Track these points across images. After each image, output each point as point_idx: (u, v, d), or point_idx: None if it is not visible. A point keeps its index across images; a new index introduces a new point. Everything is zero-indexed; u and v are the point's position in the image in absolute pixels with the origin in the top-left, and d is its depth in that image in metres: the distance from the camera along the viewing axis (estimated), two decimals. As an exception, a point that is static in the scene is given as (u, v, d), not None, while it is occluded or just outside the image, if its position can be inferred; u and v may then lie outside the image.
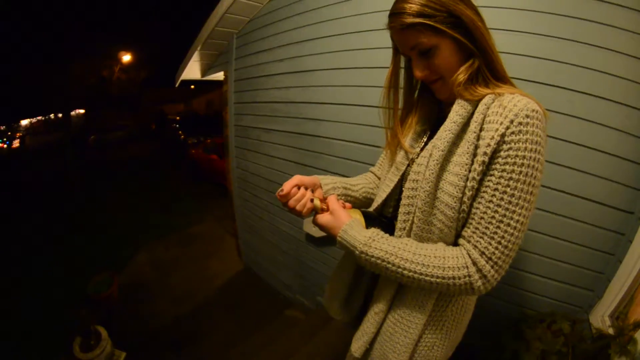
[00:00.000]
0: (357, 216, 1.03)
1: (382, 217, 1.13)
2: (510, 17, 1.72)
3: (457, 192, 0.85)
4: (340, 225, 0.97)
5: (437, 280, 0.85)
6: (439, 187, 0.89)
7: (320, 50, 2.72)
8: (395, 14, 0.87)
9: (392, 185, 1.08)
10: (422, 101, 1.09)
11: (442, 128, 0.90)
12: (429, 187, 0.88)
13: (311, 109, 2.86)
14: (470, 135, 0.84)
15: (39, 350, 3.26)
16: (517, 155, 0.77)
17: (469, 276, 0.82)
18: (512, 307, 1.86)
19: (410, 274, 0.87)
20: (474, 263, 0.83)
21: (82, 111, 26.86)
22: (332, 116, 2.68)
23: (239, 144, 4.02)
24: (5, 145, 28.28)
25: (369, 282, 1.16)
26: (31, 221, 7.46)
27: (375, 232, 0.94)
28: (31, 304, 4.14)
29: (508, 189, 0.78)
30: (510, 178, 0.78)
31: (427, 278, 0.85)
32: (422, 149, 1.04)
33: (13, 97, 13.30)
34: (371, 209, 1.15)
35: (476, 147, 0.83)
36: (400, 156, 1.08)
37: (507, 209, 0.79)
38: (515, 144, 0.77)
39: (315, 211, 1.04)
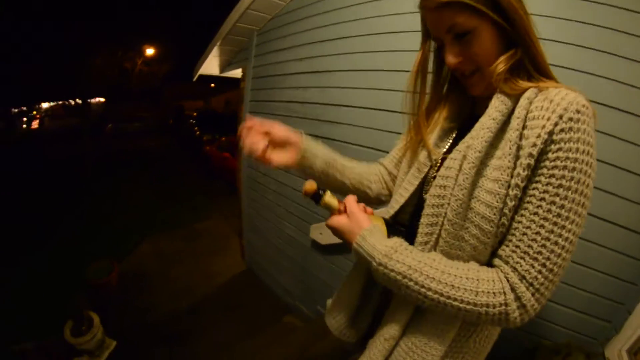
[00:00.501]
0: (379, 223, 0.90)
1: (400, 226, 0.98)
2: (549, 25, 1.62)
3: (497, 202, 0.71)
4: (357, 230, 0.85)
5: (467, 306, 0.70)
6: (474, 195, 0.75)
7: (340, 51, 2.66)
8: None
9: (411, 189, 0.94)
10: (452, 96, 0.96)
11: (477, 126, 0.79)
12: (463, 195, 0.76)
13: (328, 111, 2.79)
14: (512, 134, 0.72)
15: (29, 329, 3.22)
16: (567, 158, 0.65)
17: (506, 305, 0.69)
18: (524, 334, 1.75)
19: (436, 296, 0.73)
20: (513, 289, 0.69)
21: (102, 100, 27.29)
22: (349, 119, 2.60)
23: (252, 143, 3.94)
24: (25, 126, 28.85)
25: (380, 300, 1.01)
26: (40, 203, 7.51)
27: (398, 242, 0.81)
28: (28, 285, 4.13)
29: (557, 199, 0.66)
30: (560, 185, 0.65)
31: (456, 303, 0.71)
32: (449, 150, 0.91)
33: (36, 80, 13.52)
34: (387, 216, 1.00)
35: (519, 147, 0.71)
36: (422, 156, 0.95)
37: (555, 224, 0.66)
38: (565, 143, 0.65)
39: (330, 211, 0.92)
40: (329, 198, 0.91)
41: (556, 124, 0.65)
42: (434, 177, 0.89)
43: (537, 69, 0.77)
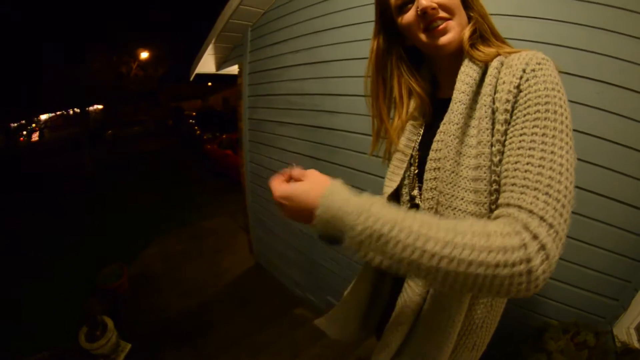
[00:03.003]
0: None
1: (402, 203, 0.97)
2: (535, 3, 1.61)
3: (483, 161, 0.73)
4: (318, 190, 0.66)
5: (481, 256, 0.51)
6: (461, 163, 0.77)
7: (336, 41, 2.64)
8: None
9: (394, 185, 0.97)
10: (412, 87, 0.97)
11: (452, 101, 0.81)
12: (450, 165, 0.78)
13: (327, 101, 2.78)
14: (485, 100, 0.75)
15: (45, 337, 3.25)
16: (538, 96, 0.66)
17: (525, 246, 0.52)
18: (532, 314, 1.75)
19: (437, 247, 0.53)
20: (526, 227, 0.55)
21: (100, 107, 27.31)
22: (348, 108, 2.59)
23: (253, 138, 3.97)
24: (25, 139, 28.95)
25: (391, 291, 1.01)
26: (46, 212, 7.56)
27: (371, 195, 0.64)
28: (40, 291, 4.17)
29: (537, 129, 0.64)
30: (537, 118, 0.65)
31: (466, 253, 0.52)
32: (422, 142, 0.94)
33: (33, 92, 13.56)
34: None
35: (493, 110, 0.74)
36: (398, 154, 0.99)
37: (543, 150, 0.61)
38: (531, 86, 0.67)
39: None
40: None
41: (521, 77, 0.69)
42: (417, 173, 0.93)
43: (494, 35, 0.83)
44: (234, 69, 4.49)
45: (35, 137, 30.15)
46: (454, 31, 0.80)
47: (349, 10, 2.51)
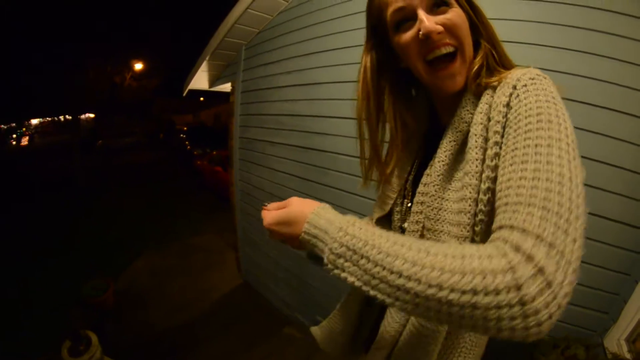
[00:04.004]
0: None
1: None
2: (519, 29, 1.69)
3: (469, 193, 0.68)
4: (306, 211, 0.68)
5: (452, 280, 0.44)
6: (446, 198, 0.75)
7: (327, 63, 2.70)
8: None
9: (382, 213, 0.96)
10: (407, 117, 0.90)
11: (445, 139, 0.78)
12: (437, 203, 0.76)
13: (317, 123, 2.82)
14: (477, 128, 0.69)
15: (25, 350, 3.18)
16: (529, 108, 0.59)
17: (512, 270, 0.42)
18: (522, 332, 1.77)
19: (405, 267, 0.48)
20: (517, 248, 0.45)
21: (91, 115, 27.15)
22: (339, 130, 2.63)
23: (243, 156, 3.98)
24: (14, 142, 28.66)
25: (379, 312, 0.98)
26: (31, 221, 7.46)
27: (358, 218, 0.64)
28: (22, 303, 4.09)
29: (530, 141, 0.56)
30: (529, 130, 0.57)
31: (434, 275, 0.45)
32: (417, 171, 0.91)
33: (25, 96, 13.49)
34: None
35: (486, 140, 0.67)
36: (388, 189, 0.96)
37: (537, 162, 0.53)
38: (522, 101, 0.61)
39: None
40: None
41: (510, 94, 0.64)
42: (409, 206, 0.90)
43: (503, 62, 0.75)
44: (226, 87, 4.53)
45: (25, 141, 29.86)
46: (460, 76, 0.74)
47: (340, 33, 2.58)
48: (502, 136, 0.63)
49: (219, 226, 6.60)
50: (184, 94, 5.46)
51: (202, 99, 29.96)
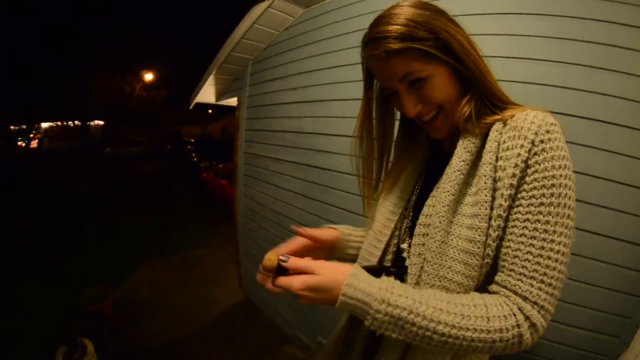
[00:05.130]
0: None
1: (390, 268, 0.92)
2: (536, 45, 1.67)
3: (479, 236, 0.72)
4: (339, 279, 0.71)
5: (481, 335, 0.64)
6: (453, 233, 0.75)
7: (332, 80, 2.69)
8: (376, 39, 0.73)
9: (384, 239, 0.94)
10: (407, 142, 0.99)
11: (448, 169, 0.78)
12: (441, 236, 0.75)
13: (322, 141, 2.80)
14: (486, 169, 0.73)
15: (19, 355, 3.15)
16: (544, 177, 0.67)
17: (518, 326, 0.65)
18: (532, 357, 1.72)
19: (447, 329, 0.64)
20: (520, 310, 0.67)
21: (101, 123, 27.42)
22: (343, 149, 2.60)
23: (248, 172, 3.98)
24: (24, 144, 28.93)
25: (365, 345, 0.95)
26: (34, 225, 7.46)
27: (390, 279, 0.72)
28: (18, 306, 4.07)
29: (541, 217, 0.67)
30: (542, 204, 0.67)
31: (468, 333, 0.64)
32: (419, 194, 0.93)
33: (36, 99, 13.71)
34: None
35: (494, 180, 0.72)
36: (387, 209, 0.96)
37: (543, 240, 0.67)
38: (540, 164, 0.67)
39: (274, 271, 0.77)
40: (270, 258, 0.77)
41: (529, 150, 0.68)
42: (409, 226, 0.90)
43: (497, 101, 0.78)
44: (233, 101, 4.55)
45: (34, 144, 30.13)
46: (445, 128, 0.82)
47: (345, 50, 2.58)
48: (516, 190, 0.70)
49: (223, 239, 6.59)
50: (191, 107, 5.50)
51: (210, 111, 30.26)
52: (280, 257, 0.76)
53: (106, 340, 3.43)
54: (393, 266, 0.92)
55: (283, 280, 0.74)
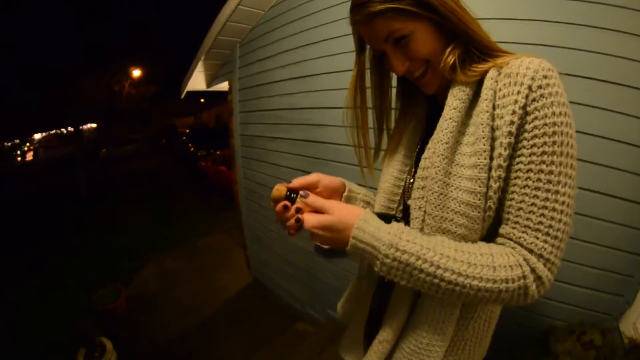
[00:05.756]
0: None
1: (396, 218, 0.91)
2: (523, 5, 1.64)
3: (479, 187, 0.70)
4: (351, 221, 0.74)
5: (487, 284, 0.65)
6: (453, 185, 0.74)
7: (322, 54, 2.67)
8: (359, 4, 0.75)
9: (399, 194, 0.95)
10: (406, 101, 0.98)
11: (441, 118, 0.77)
12: (439, 187, 0.74)
13: (316, 115, 2.79)
14: (482, 117, 0.71)
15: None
16: (545, 124, 0.65)
17: (524, 277, 0.65)
18: (536, 317, 1.74)
19: (453, 276, 0.66)
20: (526, 261, 0.66)
21: (94, 125, 27.29)
22: (339, 121, 2.58)
23: (245, 154, 3.97)
24: (19, 158, 28.92)
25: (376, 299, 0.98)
26: (39, 233, 7.50)
27: (400, 225, 0.73)
28: (35, 314, 4.11)
29: (544, 166, 0.65)
30: (544, 152, 0.65)
31: (475, 282, 0.65)
32: (421, 148, 0.91)
33: (27, 111, 13.59)
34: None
35: (492, 128, 0.70)
36: (395, 168, 0.96)
37: (547, 191, 0.65)
38: (539, 111, 0.65)
39: (276, 201, 0.80)
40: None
41: (527, 96, 0.66)
42: (412, 182, 0.90)
43: (486, 49, 0.77)
44: (224, 86, 4.51)
45: (29, 156, 30.07)
46: (435, 82, 0.82)
47: (333, 23, 2.54)
48: (516, 138, 0.68)
49: (226, 226, 6.63)
50: (182, 96, 5.46)
51: (202, 100, 30.04)
52: (301, 193, 0.79)
53: (123, 336, 3.48)
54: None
55: (301, 216, 0.77)
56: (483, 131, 0.70)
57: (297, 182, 0.85)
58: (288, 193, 0.80)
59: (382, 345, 0.86)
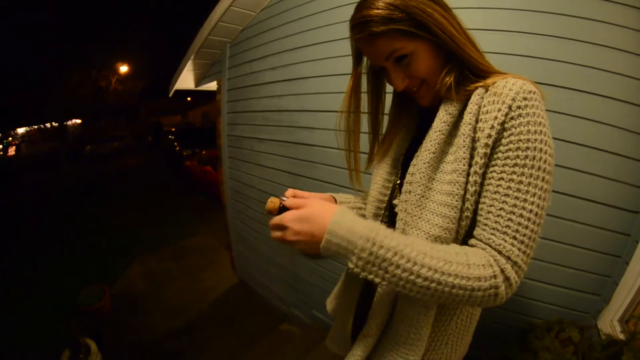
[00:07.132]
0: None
1: (382, 221, 1.00)
2: (506, 17, 1.69)
3: (457, 189, 0.77)
4: (327, 213, 0.74)
5: (462, 282, 0.67)
6: (433, 189, 0.81)
7: (311, 58, 2.68)
8: (360, 23, 0.79)
9: (388, 196, 1.01)
10: (399, 110, 1.04)
11: (431, 129, 0.83)
12: (421, 190, 0.82)
13: (304, 117, 2.81)
14: (465, 128, 0.77)
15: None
16: (519, 140, 0.71)
17: (495, 277, 0.68)
18: (517, 316, 1.79)
19: (429, 273, 0.66)
20: (496, 262, 0.70)
21: (78, 121, 26.85)
22: (326, 124, 2.62)
23: (232, 154, 3.97)
24: (1, 153, 28.27)
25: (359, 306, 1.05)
26: (23, 231, 7.38)
27: (374, 222, 0.73)
28: (17, 313, 4.06)
29: (515, 176, 0.71)
30: (516, 164, 0.71)
31: (450, 279, 0.66)
32: (407, 154, 0.99)
33: (10, 105, 13.29)
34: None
35: (473, 139, 0.77)
36: (384, 170, 1.03)
37: (517, 198, 0.70)
38: (516, 128, 0.71)
39: (271, 213, 0.83)
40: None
41: (507, 114, 0.72)
42: (399, 184, 0.96)
43: (478, 71, 0.82)
44: (212, 85, 4.49)
45: (12, 151, 29.42)
46: (429, 96, 0.88)
47: (323, 27, 2.56)
48: (492, 150, 0.74)
49: (212, 226, 6.61)
50: (170, 95, 5.42)
51: (189, 99, 29.83)
52: (281, 197, 0.84)
53: (108, 337, 3.46)
54: (388, 223, 0.99)
55: (277, 218, 0.79)
56: (464, 141, 0.77)
57: (289, 194, 0.93)
58: (281, 205, 0.83)
59: (366, 340, 0.92)
